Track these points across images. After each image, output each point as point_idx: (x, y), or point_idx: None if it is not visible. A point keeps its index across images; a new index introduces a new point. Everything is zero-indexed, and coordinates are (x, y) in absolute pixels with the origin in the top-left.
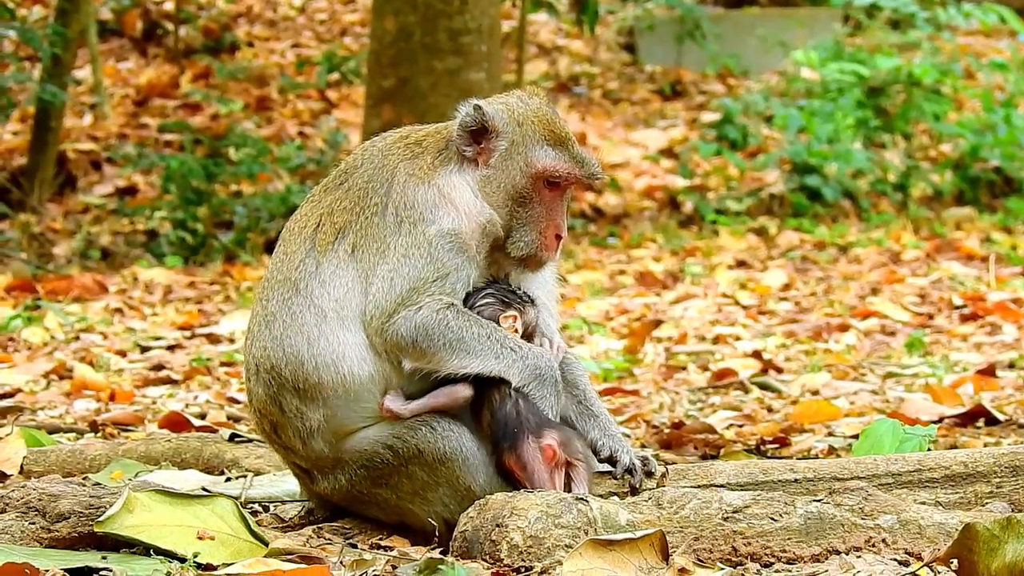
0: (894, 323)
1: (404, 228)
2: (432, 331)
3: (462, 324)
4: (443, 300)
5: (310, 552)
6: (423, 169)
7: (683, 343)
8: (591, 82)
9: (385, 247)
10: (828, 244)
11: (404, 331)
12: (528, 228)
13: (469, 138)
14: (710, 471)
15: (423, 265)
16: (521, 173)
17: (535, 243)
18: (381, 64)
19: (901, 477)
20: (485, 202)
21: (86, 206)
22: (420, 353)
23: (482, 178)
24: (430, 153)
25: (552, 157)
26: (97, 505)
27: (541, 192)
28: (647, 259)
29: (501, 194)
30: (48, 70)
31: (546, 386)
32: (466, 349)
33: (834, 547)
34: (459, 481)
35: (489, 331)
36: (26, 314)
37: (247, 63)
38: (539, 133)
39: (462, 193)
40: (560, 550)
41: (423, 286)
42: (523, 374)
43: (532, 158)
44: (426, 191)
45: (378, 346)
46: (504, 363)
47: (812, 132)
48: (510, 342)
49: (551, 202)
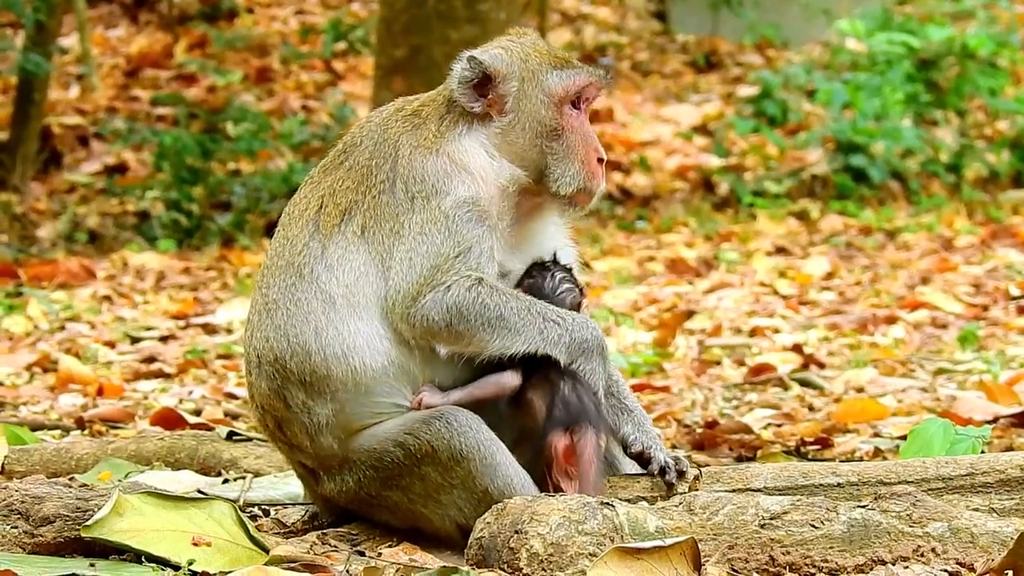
0: (946, 315)
1: (417, 204)
2: (467, 311)
3: (498, 300)
4: (471, 276)
5: (314, 560)
6: (428, 139)
7: (717, 336)
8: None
9: (399, 226)
10: (875, 229)
11: (435, 314)
12: (570, 160)
13: (473, 93)
14: (746, 474)
15: (442, 240)
16: (544, 105)
17: (581, 173)
18: (392, 32)
19: (952, 481)
20: (504, 159)
21: (72, 185)
22: (456, 336)
23: (500, 130)
24: (432, 121)
25: (567, 77)
26: (84, 508)
27: (569, 118)
28: (679, 245)
29: (528, 135)
30: (31, 38)
31: (593, 359)
32: (508, 327)
33: (880, 557)
34: (475, 482)
35: (527, 304)
36: (7, 302)
37: (246, 31)
38: (545, 62)
39: (475, 156)
40: (584, 559)
41: (445, 263)
42: (570, 349)
43: (550, 86)
44: (435, 160)
45: (406, 334)
46: (549, 339)
47: (858, 108)
48: (552, 314)
49: (581, 126)
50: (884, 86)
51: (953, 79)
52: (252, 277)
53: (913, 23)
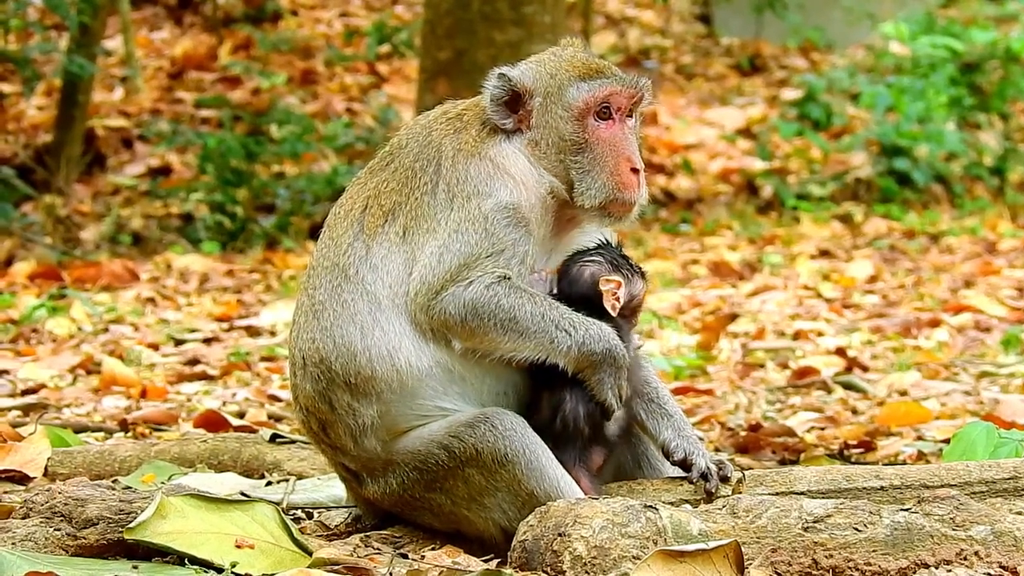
0: (989, 318)
1: (456, 203)
2: (482, 309)
3: (515, 301)
4: (495, 273)
5: (357, 563)
6: (469, 143)
7: (761, 339)
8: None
9: (435, 224)
10: (918, 232)
11: (452, 308)
12: (595, 172)
13: (504, 110)
14: (789, 477)
15: (477, 240)
16: (564, 119)
17: (609, 184)
18: (436, 35)
19: (996, 485)
20: (543, 169)
21: (116, 187)
22: (470, 332)
23: (530, 143)
24: (473, 126)
25: (588, 88)
26: (127, 510)
27: (594, 131)
28: (722, 248)
29: (553, 151)
30: (76, 40)
31: (602, 370)
32: (519, 330)
33: (923, 560)
34: (520, 486)
35: (544, 309)
36: (51, 304)
37: (291, 33)
38: (572, 74)
39: (516, 162)
40: (627, 562)
41: (475, 262)
42: (578, 359)
43: (568, 99)
44: (479, 164)
45: (423, 324)
46: (559, 348)
47: (902, 111)
48: (566, 322)
49: (611, 137)
50: (928, 89)
51: (997, 82)
52: (296, 280)
53: (957, 26)
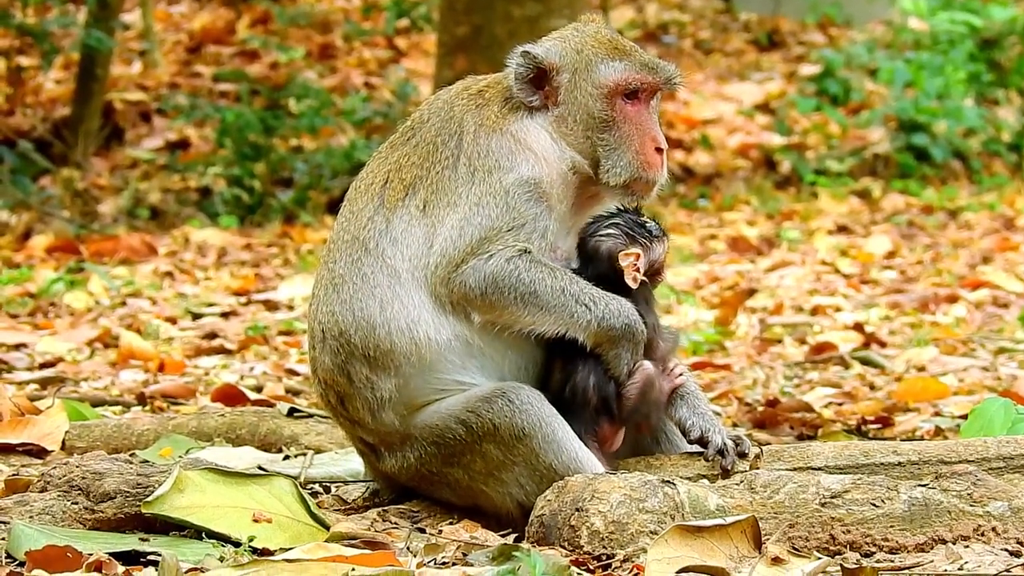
0: (1007, 294)
1: (478, 177)
2: (503, 282)
3: (535, 275)
4: (516, 247)
5: (375, 536)
6: (491, 118)
7: (779, 314)
8: (681, 31)
9: (456, 198)
10: (936, 208)
11: (472, 281)
12: (621, 150)
13: (530, 87)
14: (807, 453)
15: (498, 214)
16: (593, 97)
17: (634, 163)
18: (455, 10)
19: (1013, 461)
20: (566, 145)
21: (134, 161)
22: (490, 306)
23: (556, 119)
24: (495, 102)
25: (620, 69)
26: (145, 484)
27: (622, 110)
28: (740, 223)
29: (580, 127)
30: (94, 14)
31: (620, 345)
32: (539, 304)
33: (940, 536)
34: (538, 460)
35: (564, 283)
36: (69, 277)
37: (309, 7)
38: (600, 52)
39: (538, 137)
40: (644, 536)
41: (496, 235)
42: (597, 334)
43: (599, 77)
44: (500, 139)
45: (443, 297)
46: (578, 322)
47: (920, 87)
48: (586, 296)
49: (637, 116)
50: (946, 65)
51: (1015, 58)
52: (314, 254)
53: (975, 2)
